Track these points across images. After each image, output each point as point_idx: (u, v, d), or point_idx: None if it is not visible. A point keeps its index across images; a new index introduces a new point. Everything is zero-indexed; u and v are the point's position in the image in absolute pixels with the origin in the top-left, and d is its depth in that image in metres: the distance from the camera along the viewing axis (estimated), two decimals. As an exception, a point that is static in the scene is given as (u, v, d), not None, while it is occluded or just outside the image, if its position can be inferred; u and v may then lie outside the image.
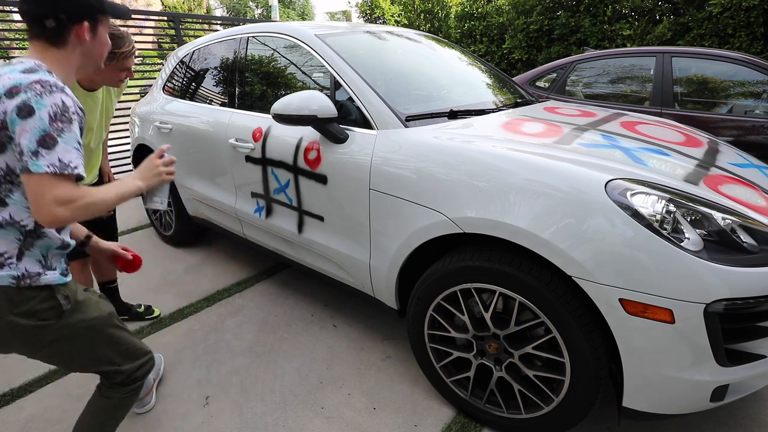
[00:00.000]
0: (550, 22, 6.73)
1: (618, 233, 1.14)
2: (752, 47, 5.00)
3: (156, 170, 1.22)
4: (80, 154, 0.98)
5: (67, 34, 1.05)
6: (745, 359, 1.18)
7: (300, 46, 2.08)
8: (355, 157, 1.70)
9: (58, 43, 1.04)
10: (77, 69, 1.12)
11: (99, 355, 1.18)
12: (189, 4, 21.39)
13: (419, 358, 1.70)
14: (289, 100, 1.69)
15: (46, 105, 0.93)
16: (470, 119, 1.80)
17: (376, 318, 2.29)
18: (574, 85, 3.89)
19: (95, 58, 1.14)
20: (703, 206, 1.19)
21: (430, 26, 9.16)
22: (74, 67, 1.10)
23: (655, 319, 1.13)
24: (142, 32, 6.93)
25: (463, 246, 1.53)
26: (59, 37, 1.04)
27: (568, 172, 1.25)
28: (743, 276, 1.10)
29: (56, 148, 0.93)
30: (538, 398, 1.43)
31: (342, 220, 1.82)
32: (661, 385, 1.19)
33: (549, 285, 1.27)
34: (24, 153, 0.91)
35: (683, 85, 3.35)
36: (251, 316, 2.33)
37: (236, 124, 2.27)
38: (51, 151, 0.92)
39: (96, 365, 1.20)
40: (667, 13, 6.02)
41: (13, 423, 1.64)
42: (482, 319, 1.47)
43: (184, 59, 2.95)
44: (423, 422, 1.62)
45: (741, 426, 1.57)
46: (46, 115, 0.92)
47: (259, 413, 1.67)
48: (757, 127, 2.97)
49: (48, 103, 0.93)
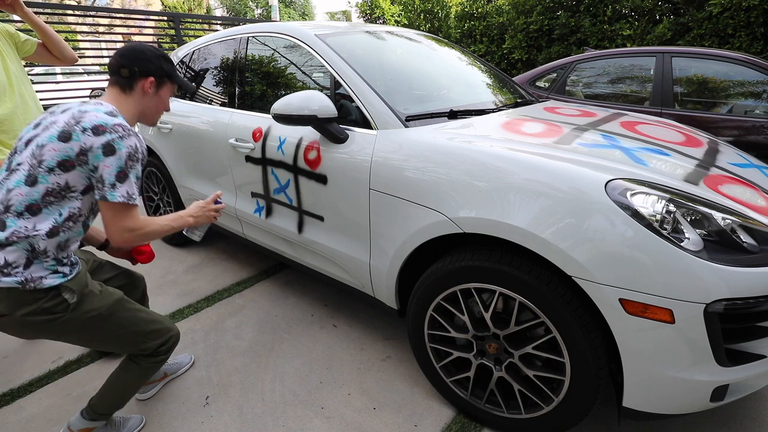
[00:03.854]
0: (550, 22, 6.73)
1: (618, 233, 1.14)
2: (752, 47, 5.00)
3: (208, 213, 1.49)
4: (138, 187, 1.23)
5: (135, 83, 1.31)
6: (745, 359, 1.18)
7: (300, 46, 2.08)
8: (355, 157, 1.70)
9: (126, 90, 1.31)
10: (137, 117, 1.36)
11: (116, 338, 1.33)
12: (189, 4, 21.38)
13: (419, 358, 1.70)
14: (289, 99, 1.69)
15: (124, 146, 1.16)
16: (470, 119, 1.80)
17: (376, 318, 2.29)
18: (574, 85, 3.89)
19: (151, 111, 1.39)
20: (703, 206, 1.19)
21: (430, 26, 9.16)
22: (135, 114, 1.35)
23: (655, 319, 1.13)
24: (142, 32, 6.93)
25: (463, 246, 1.53)
26: (129, 85, 1.31)
27: (568, 172, 1.25)
28: (743, 276, 1.10)
29: (126, 182, 1.17)
30: (538, 398, 1.43)
31: (342, 220, 1.82)
32: (661, 385, 1.19)
33: (549, 285, 1.27)
34: (104, 184, 1.15)
35: (683, 85, 3.35)
36: (251, 316, 2.33)
37: (236, 123, 2.27)
38: (123, 184, 1.17)
39: (119, 346, 1.35)
40: (667, 13, 6.02)
41: (13, 423, 1.64)
42: (482, 319, 1.47)
43: (184, 59, 2.95)
44: (423, 422, 1.62)
45: (741, 426, 1.57)
46: (125, 155, 1.16)
47: (259, 413, 1.67)
48: (757, 127, 2.97)
49: (126, 145, 1.16)
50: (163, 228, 1.30)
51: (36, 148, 1.15)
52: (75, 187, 1.17)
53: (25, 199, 1.14)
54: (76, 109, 1.19)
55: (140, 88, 1.32)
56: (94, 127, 1.14)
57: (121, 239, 1.21)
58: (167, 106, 1.43)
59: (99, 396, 1.44)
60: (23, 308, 1.14)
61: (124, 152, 1.16)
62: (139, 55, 1.31)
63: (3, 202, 1.15)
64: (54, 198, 1.16)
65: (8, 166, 1.20)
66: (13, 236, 1.12)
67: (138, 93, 1.32)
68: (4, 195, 1.15)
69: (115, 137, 1.15)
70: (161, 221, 1.30)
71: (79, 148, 1.13)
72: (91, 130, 1.14)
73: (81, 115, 1.15)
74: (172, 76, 1.40)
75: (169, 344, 1.45)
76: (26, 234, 1.13)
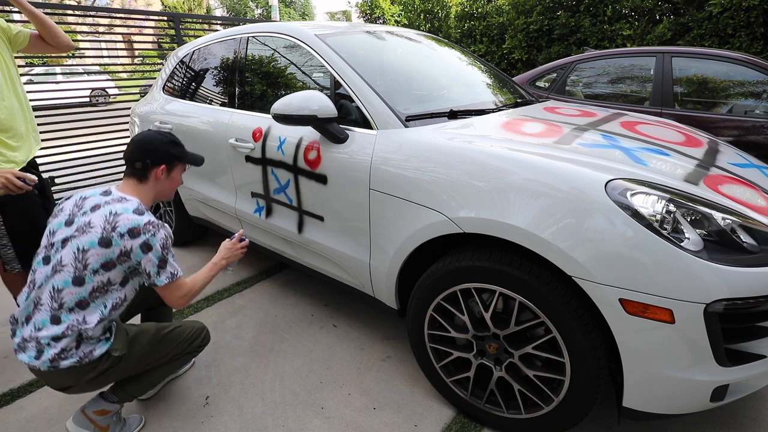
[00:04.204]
0: (550, 22, 6.73)
1: (618, 233, 1.14)
2: (752, 47, 5.00)
3: (236, 252, 1.70)
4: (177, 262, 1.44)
5: (149, 173, 1.48)
6: (745, 359, 1.18)
7: (300, 46, 2.08)
8: (355, 157, 1.70)
9: (142, 179, 1.47)
10: (154, 198, 1.53)
11: (166, 354, 1.53)
12: (189, 4, 21.39)
13: (419, 358, 1.70)
14: (289, 99, 1.69)
15: (158, 241, 1.35)
16: (470, 119, 1.80)
17: (376, 318, 2.29)
18: (574, 85, 3.89)
19: (166, 192, 1.57)
20: (703, 206, 1.19)
21: (430, 26, 9.15)
22: (152, 197, 1.51)
23: (655, 319, 1.13)
24: (142, 32, 6.93)
25: (463, 246, 1.53)
26: (144, 175, 1.47)
27: (568, 172, 1.25)
28: (743, 276, 1.10)
29: (167, 266, 1.38)
30: (538, 398, 1.43)
31: (342, 220, 1.82)
32: (661, 385, 1.19)
33: (549, 285, 1.27)
34: (151, 275, 1.36)
35: (683, 85, 3.34)
36: (251, 316, 2.33)
37: (236, 124, 2.27)
38: (165, 269, 1.38)
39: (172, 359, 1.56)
40: (667, 13, 6.01)
41: (13, 423, 1.64)
42: (482, 319, 1.47)
43: (184, 59, 2.95)
44: (423, 422, 1.62)
45: (741, 426, 1.57)
46: (160, 247, 1.35)
47: (259, 413, 1.67)
48: (757, 127, 2.97)
49: (159, 239, 1.35)
50: (206, 281, 1.53)
51: (78, 252, 1.31)
52: (115, 281, 1.36)
53: (75, 297, 1.31)
54: (106, 209, 1.34)
55: (154, 176, 1.49)
56: (129, 231, 1.32)
57: (180, 304, 1.46)
58: (180, 182, 1.62)
59: (133, 377, 1.53)
60: (85, 377, 1.36)
61: (159, 245, 1.35)
62: (149, 147, 1.47)
63: (56, 299, 1.31)
64: (99, 293, 1.34)
65: (46, 258, 1.36)
66: (68, 330, 1.30)
67: (152, 180, 1.49)
68: (55, 293, 1.31)
69: (149, 236, 1.33)
70: (202, 276, 1.53)
71: (119, 251, 1.32)
72: (128, 233, 1.32)
73: (115, 220, 1.32)
74: (181, 159, 1.57)
75: (204, 338, 1.65)
76: (78, 328, 1.31)
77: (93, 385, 1.41)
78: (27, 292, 1.37)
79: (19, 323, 1.36)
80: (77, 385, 1.37)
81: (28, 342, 1.31)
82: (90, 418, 1.48)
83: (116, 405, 1.53)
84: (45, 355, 1.29)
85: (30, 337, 1.31)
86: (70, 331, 1.30)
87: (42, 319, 1.31)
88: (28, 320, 1.33)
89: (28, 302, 1.35)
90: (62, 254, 1.32)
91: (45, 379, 1.37)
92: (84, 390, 1.41)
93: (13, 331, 1.37)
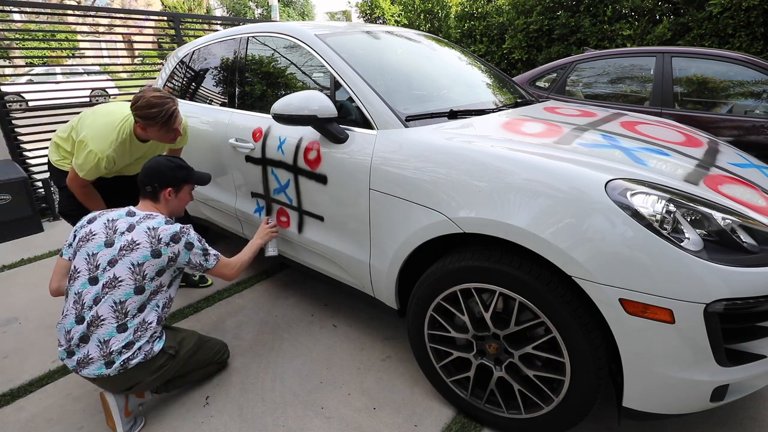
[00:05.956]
0: (550, 22, 6.73)
1: (618, 233, 1.14)
2: (752, 47, 5.00)
3: (268, 232, 2.07)
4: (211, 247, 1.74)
5: (159, 195, 1.73)
6: (745, 359, 1.18)
7: (300, 46, 2.08)
8: (355, 157, 1.70)
9: (155, 200, 1.74)
10: (168, 215, 1.75)
11: (203, 361, 1.78)
12: (189, 4, 21.39)
13: (419, 358, 1.70)
14: (289, 100, 1.69)
15: (194, 238, 1.65)
16: (470, 119, 1.80)
17: (376, 318, 2.29)
18: (574, 85, 3.89)
19: (177, 209, 1.83)
20: (703, 206, 1.19)
21: (430, 26, 9.15)
22: (166, 215, 1.73)
23: (655, 319, 1.13)
24: (142, 32, 6.93)
25: (463, 246, 1.53)
26: (155, 197, 1.73)
27: (568, 172, 1.25)
28: (743, 276, 1.10)
29: (210, 251, 1.71)
30: (538, 398, 1.43)
31: (342, 220, 1.82)
32: (661, 385, 1.19)
33: (549, 285, 1.27)
34: (202, 264, 1.68)
35: (683, 85, 3.34)
36: (251, 316, 2.33)
37: (236, 124, 2.27)
38: (210, 254, 1.71)
39: (209, 363, 1.81)
40: (667, 13, 6.01)
41: (13, 423, 1.64)
42: (482, 319, 1.47)
43: (184, 59, 2.94)
44: (423, 422, 1.62)
45: (741, 426, 1.57)
46: (197, 242, 1.66)
47: (259, 413, 1.67)
48: (757, 127, 2.97)
49: (193, 236, 1.66)
50: (250, 257, 1.92)
51: (134, 266, 1.52)
52: (165, 284, 1.62)
53: (137, 304, 1.53)
54: (143, 226, 1.57)
55: (163, 197, 1.74)
56: (172, 238, 1.58)
57: (233, 276, 1.81)
58: (189, 200, 1.87)
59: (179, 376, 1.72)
60: (150, 370, 1.56)
61: (197, 240, 1.66)
62: (156, 173, 1.71)
63: (120, 311, 1.49)
64: (153, 295, 1.58)
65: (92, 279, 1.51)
66: (136, 333, 1.52)
67: (163, 201, 1.75)
68: (118, 306, 1.49)
69: (186, 237, 1.62)
70: (245, 254, 1.90)
71: (168, 258, 1.58)
72: (171, 240, 1.58)
73: (157, 233, 1.57)
74: (187, 181, 1.81)
75: (227, 353, 1.94)
76: (144, 327, 1.54)
77: (155, 382, 1.59)
78: (74, 314, 1.50)
79: (73, 344, 1.49)
80: (144, 380, 1.55)
81: (93, 358, 1.47)
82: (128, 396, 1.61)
83: (149, 396, 1.69)
84: (116, 361, 1.47)
85: (96, 354, 1.47)
86: (138, 333, 1.52)
87: (107, 332, 1.48)
88: (86, 339, 1.48)
89: (79, 324, 1.49)
90: (114, 272, 1.51)
91: (113, 383, 1.52)
92: (149, 386, 1.59)
93: (68, 352, 1.50)
